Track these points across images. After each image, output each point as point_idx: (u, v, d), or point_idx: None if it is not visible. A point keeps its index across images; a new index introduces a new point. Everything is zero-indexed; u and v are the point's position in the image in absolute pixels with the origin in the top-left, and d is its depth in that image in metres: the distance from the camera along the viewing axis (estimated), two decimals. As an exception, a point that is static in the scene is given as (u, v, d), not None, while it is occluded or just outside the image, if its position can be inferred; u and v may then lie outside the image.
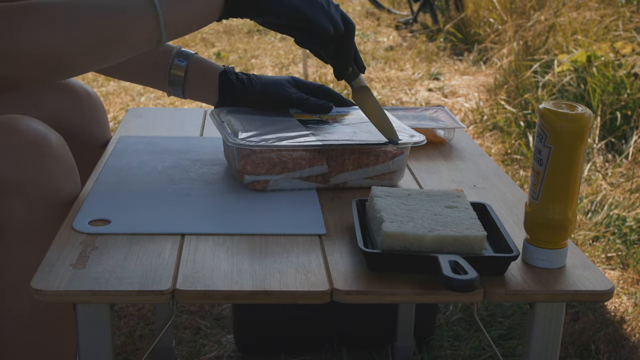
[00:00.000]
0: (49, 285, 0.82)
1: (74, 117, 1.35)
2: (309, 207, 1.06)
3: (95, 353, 0.86)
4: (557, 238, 0.91)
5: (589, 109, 0.88)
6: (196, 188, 1.11)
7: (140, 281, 0.84)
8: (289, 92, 1.26)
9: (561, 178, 0.88)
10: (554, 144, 0.87)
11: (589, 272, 0.90)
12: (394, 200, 0.96)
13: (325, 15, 1.11)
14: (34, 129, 1.06)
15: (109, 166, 1.19)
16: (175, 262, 0.88)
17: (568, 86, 3.34)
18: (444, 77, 4.39)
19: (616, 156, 2.91)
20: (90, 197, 1.06)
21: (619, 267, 2.11)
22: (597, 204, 2.48)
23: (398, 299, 0.87)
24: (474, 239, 0.88)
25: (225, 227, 0.98)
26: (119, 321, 1.78)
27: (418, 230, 0.88)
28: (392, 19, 6.32)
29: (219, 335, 1.74)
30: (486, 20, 4.98)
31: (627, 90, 3.16)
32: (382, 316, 1.64)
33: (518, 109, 3.37)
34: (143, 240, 0.94)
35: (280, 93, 1.25)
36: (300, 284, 0.85)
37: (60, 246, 0.91)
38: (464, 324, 1.80)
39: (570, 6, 4.43)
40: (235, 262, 0.89)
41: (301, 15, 1.09)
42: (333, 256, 0.92)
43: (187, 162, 1.22)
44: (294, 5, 1.09)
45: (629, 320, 1.84)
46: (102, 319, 0.85)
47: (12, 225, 1.03)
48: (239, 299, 0.86)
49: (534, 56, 3.88)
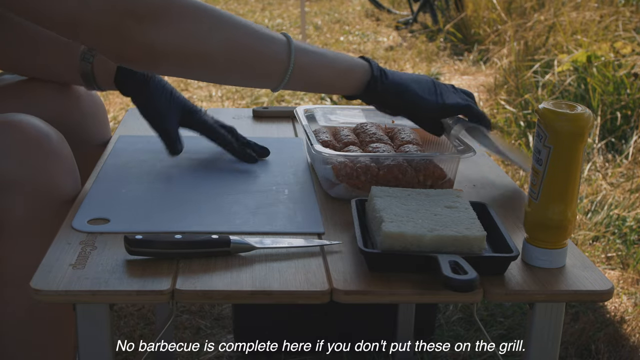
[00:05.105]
0: (49, 285, 0.82)
1: (74, 116, 1.35)
2: (309, 207, 1.06)
3: (95, 353, 0.85)
4: (557, 238, 0.90)
5: (588, 109, 0.88)
6: (195, 187, 1.11)
7: (140, 281, 0.84)
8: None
9: (561, 178, 0.88)
10: (554, 144, 0.87)
11: (589, 272, 0.90)
12: (394, 200, 0.96)
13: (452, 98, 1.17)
14: (35, 127, 1.06)
15: (108, 165, 1.20)
16: (175, 262, 0.88)
17: (568, 86, 3.34)
18: (444, 77, 4.39)
19: (616, 156, 2.91)
20: (90, 196, 1.06)
21: (619, 267, 2.11)
22: (597, 204, 2.48)
23: (398, 299, 0.87)
24: (474, 239, 0.88)
25: (224, 226, 0.98)
26: (119, 321, 1.78)
27: (418, 230, 0.88)
28: (392, 19, 6.32)
29: (219, 335, 1.74)
30: (486, 20, 4.97)
31: (627, 90, 3.16)
32: (382, 316, 1.64)
33: (518, 109, 3.37)
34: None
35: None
36: (300, 284, 0.85)
37: (60, 246, 0.91)
38: (464, 324, 1.80)
39: (570, 6, 4.42)
40: (235, 262, 0.89)
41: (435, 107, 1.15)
42: (333, 256, 0.92)
43: (186, 162, 1.22)
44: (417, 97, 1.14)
45: (629, 320, 1.84)
46: (102, 319, 0.85)
47: (11, 222, 1.03)
48: (238, 299, 0.86)
49: (534, 56, 3.88)
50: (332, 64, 1.10)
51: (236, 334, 1.66)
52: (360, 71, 1.12)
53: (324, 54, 1.10)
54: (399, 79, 1.14)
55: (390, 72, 1.15)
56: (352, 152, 1.14)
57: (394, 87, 1.13)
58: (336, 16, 6.67)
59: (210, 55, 1.02)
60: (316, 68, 1.09)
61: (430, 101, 1.15)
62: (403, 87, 1.14)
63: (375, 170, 1.09)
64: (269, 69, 1.06)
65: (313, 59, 1.08)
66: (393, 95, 1.13)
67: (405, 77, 1.16)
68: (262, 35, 1.05)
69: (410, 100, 1.14)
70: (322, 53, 1.10)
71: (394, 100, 1.14)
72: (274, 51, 1.05)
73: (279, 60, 1.05)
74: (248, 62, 1.05)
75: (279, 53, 1.05)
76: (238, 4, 7.48)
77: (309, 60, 1.07)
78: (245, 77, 1.09)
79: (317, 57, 1.09)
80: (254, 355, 1.65)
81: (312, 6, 7.29)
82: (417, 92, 1.14)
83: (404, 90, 1.14)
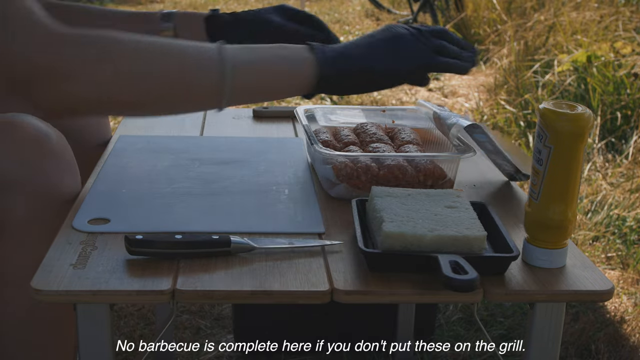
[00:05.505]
0: (49, 285, 0.82)
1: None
2: (309, 207, 1.06)
3: (95, 353, 0.86)
4: (557, 238, 0.90)
5: (589, 109, 0.88)
6: (195, 187, 1.11)
7: (141, 281, 0.84)
8: (276, 21, 1.24)
9: (561, 178, 0.88)
10: (554, 144, 0.87)
11: (589, 272, 0.90)
12: (394, 200, 0.96)
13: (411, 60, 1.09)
14: (35, 127, 1.06)
15: (108, 165, 1.20)
16: (175, 261, 0.88)
17: (568, 86, 3.34)
18: (444, 77, 4.39)
19: (616, 156, 2.91)
20: (90, 196, 1.06)
21: (619, 267, 2.11)
22: (597, 204, 2.48)
23: (398, 299, 0.87)
24: (474, 239, 0.88)
25: (224, 226, 0.98)
26: (119, 321, 1.78)
27: (418, 230, 0.88)
28: (392, 19, 6.32)
29: (219, 335, 1.74)
30: (486, 20, 4.97)
31: (627, 90, 3.16)
32: (382, 316, 1.64)
33: (518, 109, 3.37)
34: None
35: (269, 24, 1.23)
36: (300, 284, 0.85)
37: (61, 246, 0.91)
38: (464, 324, 1.80)
39: (570, 6, 4.42)
40: (235, 262, 0.89)
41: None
42: (333, 256, 0.92)
43: (187, 162, 1.22)
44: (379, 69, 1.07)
45: (629, 320, 1.84)
46: (103, 319, 0.85)
47: (12, 222, 1.03)
48: (239, 299, 0.86)
49: (534, 56, 3.88)
50: (274, 72, 1.03)
51: (236, 334, 1.66)
52: (305, 70, 1.05)
53: (264, 61, 1.03)
54: (348, 61, 1.05)
55: (338, 52, 1.06)
56: (353, 152, 1.14)
57: (345, 71, 1.06)
58: (336, 16, 6.67)
59: (138, 102, 1.00)
60: (256, 83, 1.03)
61: (391, 70, 1.08)
62: (355, 68, 1.06)
63: (376, 170, 1.09)
64: (204, 100, 1.02)
65: (250, 74, 1.02)
66: (346, 80, 1.06)
67: (356, 53, 1.06)
68: (191, 65, 0.99)
69: (367, 80, 1.07)
70: (262, 60, 1.03)
71: (349, 86, 1.08)
72: (204, 83, 0.99)
73: (211, 90, 1.00)
74: (178, 101, 1.01)
75: (210, 79, 0.99)
76: (238, 4, 7.48)
77: (246, 78, 1.01)
78: (183, 111, 1.06)
79: (255, 69, 1.02)
80: (254, 355, 1.65)
81: (312, 6, 7.29)
82: (372, 68, 1.06)
83: (358, 71, 1.06)
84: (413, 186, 1.09)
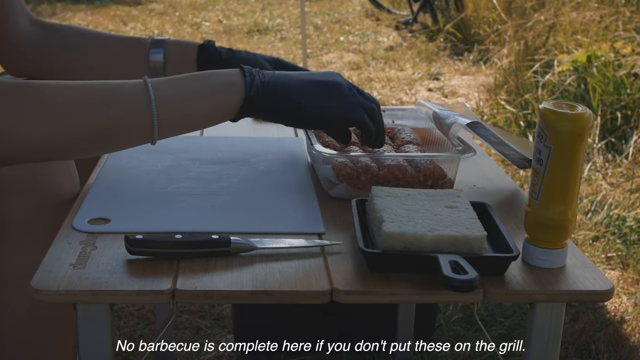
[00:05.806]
0: (49, 285, 0.82)
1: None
2: (309, 207, 1.06)
3: (95, 353, 0.86)
4: (557, 238, 0.90)
5: (589, 109, 0.88)
6: (195, 187, 1.11)
7: (140, 281, 0.84)
8: (267, 67, 1.24)
9: (561, 178, 0.88)
10: (554, 144, 0.87)
11: (589, 272, 0.90)
12: (394, 200, 0.96)
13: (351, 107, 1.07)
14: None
15: (108, 165, 1.20)
16: (175, 261, 0.88)
17: (568, 86, 3.34)
18: (444, 77, 4.39)
19: (616, 156, 2.91)
20: (90, 196, 1.06)
21: (619, 267, 2.11)
22: (597, 204, 2.48)
23: (398, 299, 0.87)
24: (474, 239, 0.88)
25: (224, 226, 0.98)
26: (119, 321, 1.78)
27: (418, 230, 0.88)
28: (392, 19, 6.32)
29: (219, 335, 1.74)
30: (486, 20, 4.97)
31: (627, 90, 3.16)
32: (382, 316, 1.64)
33: (518, 109, 3.37)
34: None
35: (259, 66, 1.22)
36: (300, 284, 0.85)
37: (61, 246, 0.91)
38: (464, 324, 1.80)
39: (570, 6, 4.42)
40: (235, 262, 0.89)
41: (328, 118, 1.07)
42: (333, 256, 0.92)
43: (186, 162, 1.22)
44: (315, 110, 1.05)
45: (629, 320, 1.84)
46: (102, 319, 0.85)
47: (12, 222, 1.03)
48: (239, 299, 0.86)
49: (534, 56, 3.89)
50: (195, 103, 1.01)
51: (236, 334, 1.66)
52: (230, 96, 1.03)
53: (186, 92, 1.01)
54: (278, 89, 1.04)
55: (271, 78, 1.04)
56: (353, 152, 1.14)
57: (271, 97, 1.04)
58: (336, 16, 6.68)
59: (69, 152, 0.98)
60: (180, 115, 1.01)
61: (318, 113, 1.06)
62: (282, 97, 1.04)
63: (376, 170, 1.09)
64: (136, 138, 1.00)
65: (173, 108, 1.00)
66: (271, 106, 1.04)
67: (289, 84, 1.05)
68: (117, 112, 0.97)
69: (291, 114, 1.06)
70: (184, 91, 1.01)
71: (273, 114, 1.06)
72: (132, 125, 0.98)
73: (142, 129, 0.98)
74: (109, 143, 1.00)
75: (137, 121, 0.98)
76: (238, 4, 7.48)
77: (170, 112, 0.99)
78: (117, 149, 1.05)
79: (177, 102, 1.00)
80: (254, 355, 1.65)
81: (312, 6, 7.29)
82: (300, 104, 1.05)
83: (284, 101, 1.04)
84: (413, 186, 1.09)
